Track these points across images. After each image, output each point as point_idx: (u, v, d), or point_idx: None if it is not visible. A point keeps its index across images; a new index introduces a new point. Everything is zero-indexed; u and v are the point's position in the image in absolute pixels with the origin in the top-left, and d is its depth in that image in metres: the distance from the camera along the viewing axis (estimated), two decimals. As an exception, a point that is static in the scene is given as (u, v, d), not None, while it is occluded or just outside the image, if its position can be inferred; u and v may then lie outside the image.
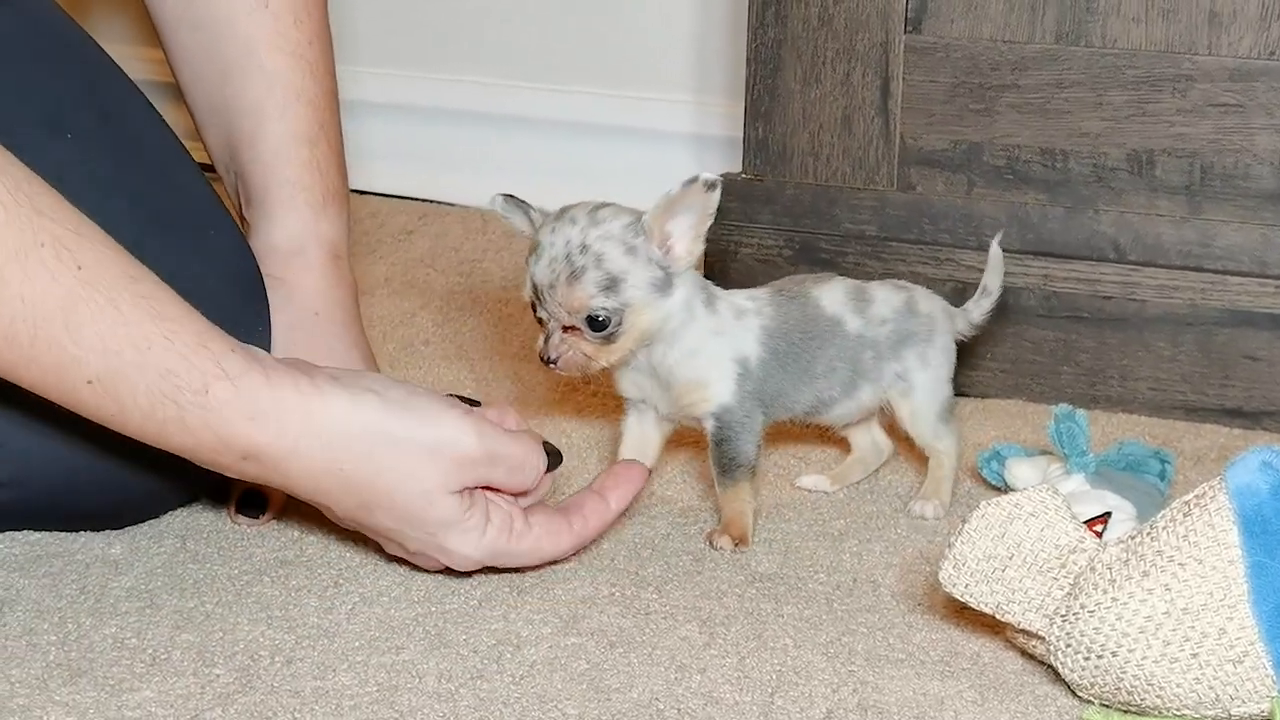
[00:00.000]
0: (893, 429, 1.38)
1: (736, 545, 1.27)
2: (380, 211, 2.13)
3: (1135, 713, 1.06)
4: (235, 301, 1.28)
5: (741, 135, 1.65)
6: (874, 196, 1.60)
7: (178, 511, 1.30)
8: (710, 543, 1.28)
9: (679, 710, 1.06)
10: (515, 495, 1.20)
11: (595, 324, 1.23)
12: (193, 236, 1.29)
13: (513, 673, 1.10)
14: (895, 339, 1.33)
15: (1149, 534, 1.07)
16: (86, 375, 1.09)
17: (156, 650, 1.11)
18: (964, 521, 1.10)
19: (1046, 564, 1.08)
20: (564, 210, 1.25)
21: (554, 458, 1.21)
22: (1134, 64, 1.52)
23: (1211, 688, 1.04)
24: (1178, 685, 1.04)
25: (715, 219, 1.62)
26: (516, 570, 1.22)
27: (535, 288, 1.23)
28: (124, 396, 1.09)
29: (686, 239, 1.24)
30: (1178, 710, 1.05)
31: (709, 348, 1.27)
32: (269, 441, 1.12)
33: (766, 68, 1.62)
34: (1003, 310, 1.56)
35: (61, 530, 1.26)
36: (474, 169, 2.11)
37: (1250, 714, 1.04)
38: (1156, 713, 1.05)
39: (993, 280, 1.39)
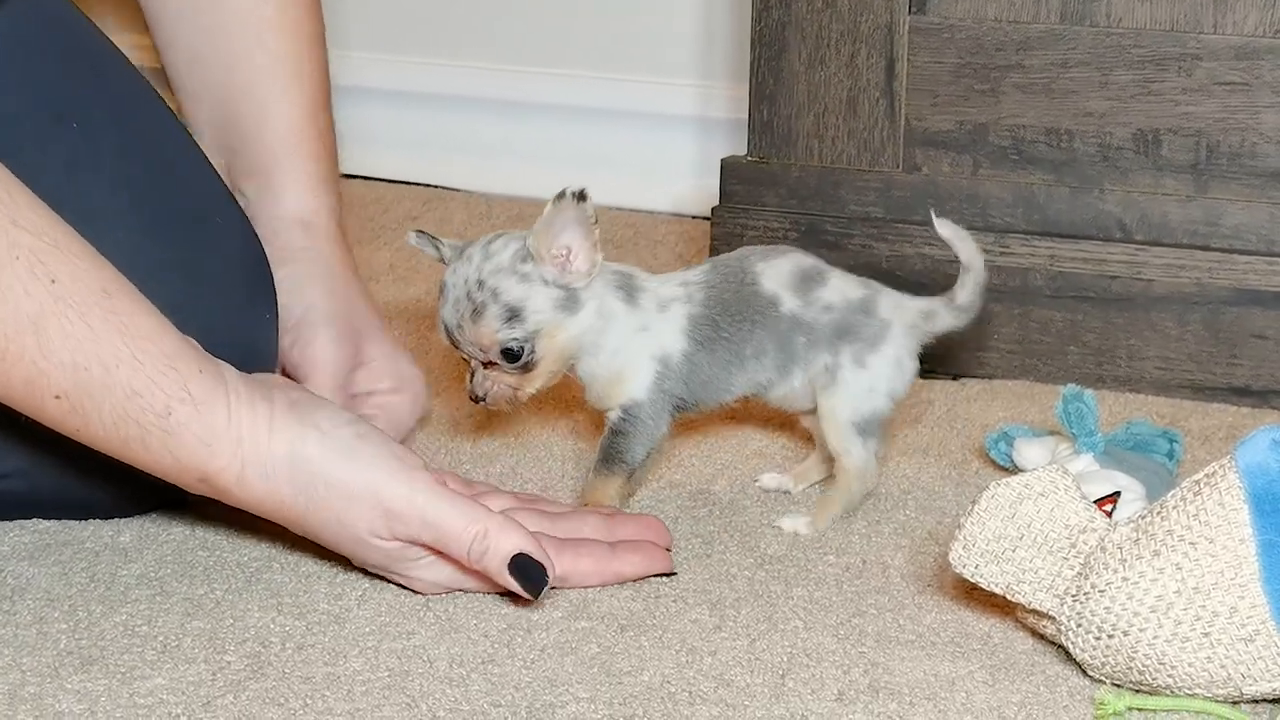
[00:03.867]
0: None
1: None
2: (384, 197, 2.13)
3: (1147, 692, 1.06)
4: (242, 289, 1.28)
5: (746, 118, 1.64)
6: (879, 178, 1.60)
7: (186, 499, 1.30)
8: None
9: (690, 693, 1.06)
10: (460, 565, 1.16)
11: (510, 355, 1.23)
12: (200, 225, 1.29)
13: (523, 657, 1.10)
14: (835, 330, 1.28)
15: (1159, 513, 1.07)
16: (54, 390, 1.08)
17: (167, 638, 1.12)
18: (973, 502, 1.10)
19: (1057, 544, 1.08)
20: (463, 248, 1.25)
21: (527, 575, 1.13)
22: (1139, 43, 1.52)
23: (1223, 666, 1.04)
24: (1189, 664, 1.04)
25: (721, 201, 1.62)
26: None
27: (446, 329, 1.24)
28: (90, 413, 1.10)
29: (583, 252, 1.23)
30: (1189, 689, 1.05)
31: (630, 346, 1.26)
32: (221, 468, 1.12)
33: (771, 50, 1.61)
34: (1009, 291, 1.56)
35: (71, 519, 1.26)
36: (478, 154, 2.11)
37: (1262, 692, 1.04)
38: (1168, 692, 1.05)
39: (964, 252, 1.31)
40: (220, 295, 1.23)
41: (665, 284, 1.28)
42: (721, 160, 1.65)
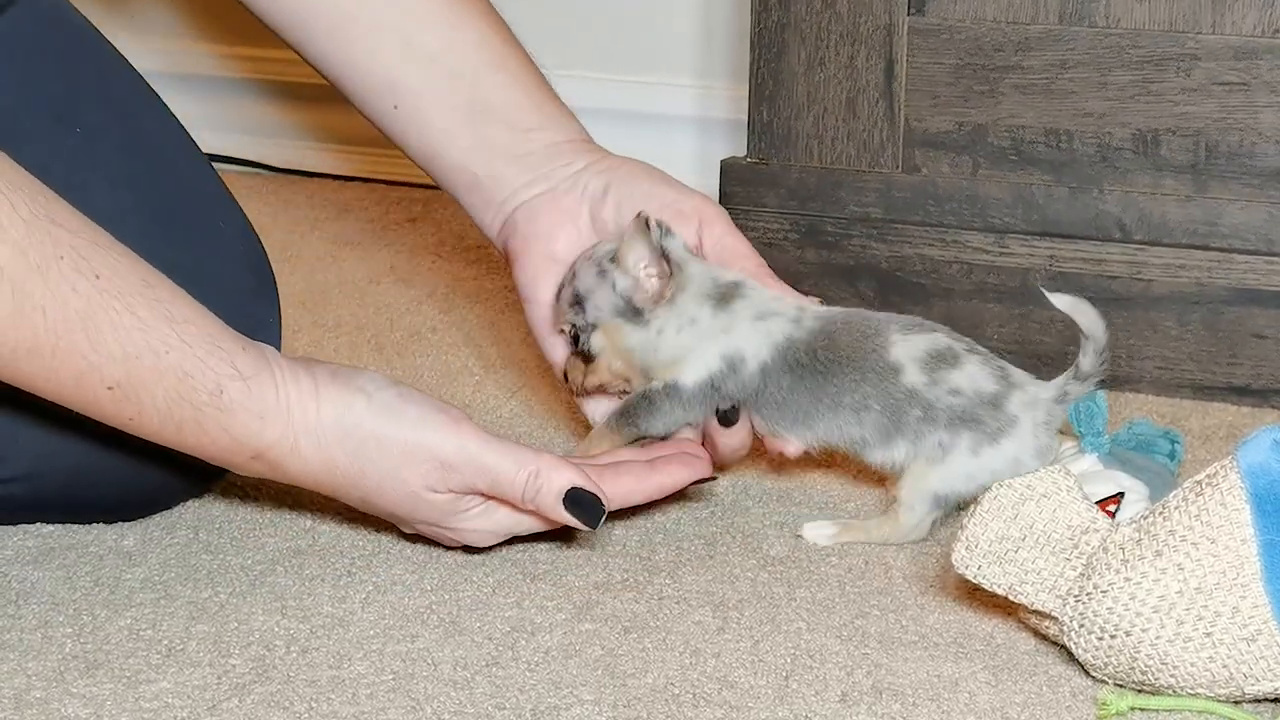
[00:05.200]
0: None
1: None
2: (386, 199, 2.13)
3: (1149, 692, 1.06)
4: (245, 291, 1.29)
5: (745, 119, 1.65)
6: (879, 179, 1.60)
7: (190, 502, 1.30)
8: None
9: (694, 695, 1.06)
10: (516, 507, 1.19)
11: (573, 340, 1.27)
12: (202, 228, 1.29)
13: (527, 659, 1.10)
14: (957, 415, 1.23)
15: (1161, 513, 1.07)
16: (107, 382, 1.09)
17: (172, 641, 1.12)
18: (976, 503, 1.10)
19: (1059, 544, 1.09)
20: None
21: (582, 507, 1.17)
22: (1138, 43, 1.52)
23: (1225, 666, 1.04)
24: (1191, 664, 1.05)
25: (721, 202, 1.62)
26: (530, 556, 1.22)
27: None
28: (143, 400, 1.11)
29: (652, 276, 1.24)
30: (1192, 689, 1.05)
31: (702, 343, 1.25)
32: (275, 440, 1.14)
33: (770, 51, 1.62)
34: (1009, 291, 1.57)
35: (75, 522, 1.27)
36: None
37: (1264, 692, 1.05)
38: (1171, 692, 1.06)
39: (1085, 321, 1.25)
40: (222, 296, 1.23)
41: (778, 301, 1.27)
42: (721, 161, 1.65)
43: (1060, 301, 1.25)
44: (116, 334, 1.09)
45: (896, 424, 1.24)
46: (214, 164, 1.38)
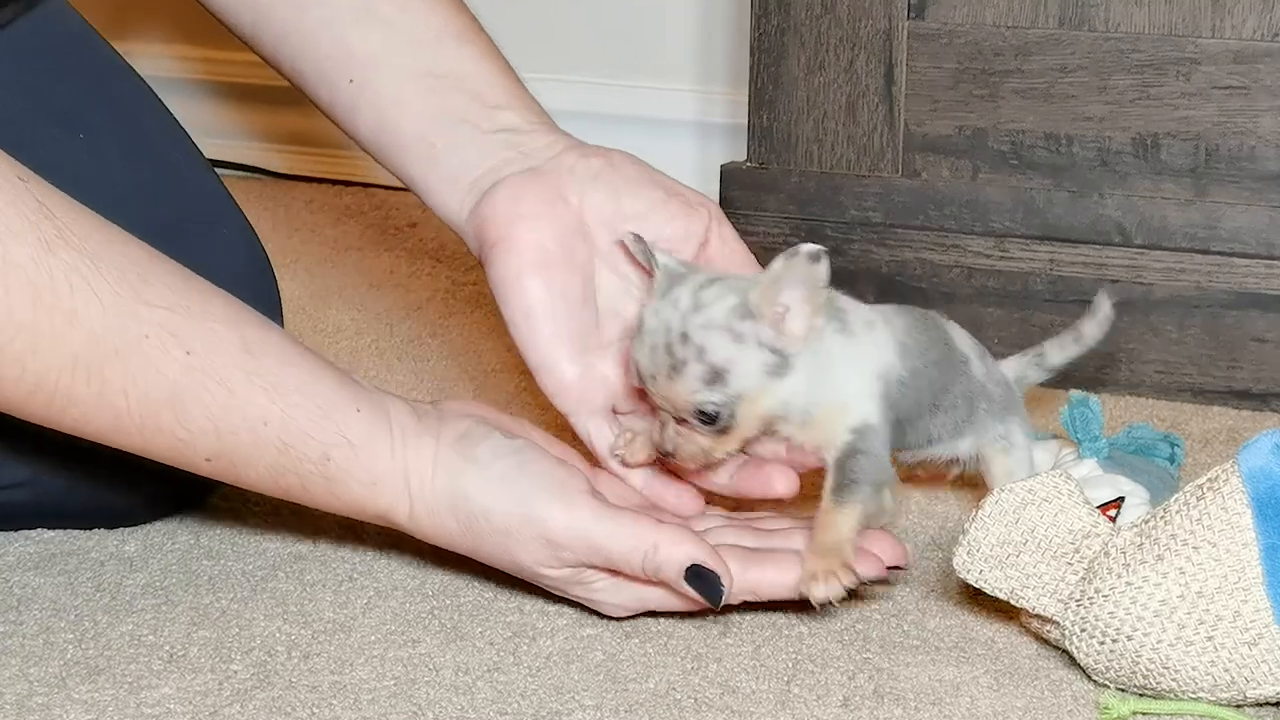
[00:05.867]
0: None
1: (841, 577, 1.10)
2: (386, 204, 2.14)
3: (1151, 696, 1.06)
4: (248, 296, 1.28)
5: (745, 123, 1.65)
6: (879, 183, 1.60)
7: (191, 508, 1.30)
8: (809, 593, 1.10)
9: (696, 700, 1.06)
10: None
11: (705, 418, 1.10)
12: (205, 233, 1.29)
13: (529, 665, 1.10)
14: (1004, 404, 1.21)
15: (1162, 518, 1.07)
16: (203, 454, 1.08)
17: (174, 647, 1.12)
18: (978, 507, 1.10)
19: (1060, 549, 1.09)
20: (673, 284, 1.11)
21: (704, 582, 1.09)
22: (1137, 48, 1.53)
23: (1227, 670, 1.04)
24: (1193, 668, 1.05)
25: (720, 207, 1.62)
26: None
27: (639, 375, 1.12)
28: (242, 470, 1.10)
29: (801, 314, 1.09)
30: (1194, 693, 1.05)
31: (850, 370, 1.13)
32: (390, 505, 1.12)
33: (770, 55, 1.62)
34: (1009, 295, 1.57)
35: (76, 528, 1.27)
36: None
37: (1266, 696, 1.05)
38: (1172, 696, 1.06)
39: (1094, 328, 1.26)
40: None
41: (859, 306, 1.16)
42: (721, 166, 1.65)
43: (1106, 306, 1.25)
44: (207, 411, 1.07)
45: (970, 419, 1.20)
46: (216, 170, 1.38)
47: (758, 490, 1.16)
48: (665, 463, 1.16)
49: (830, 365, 1.12)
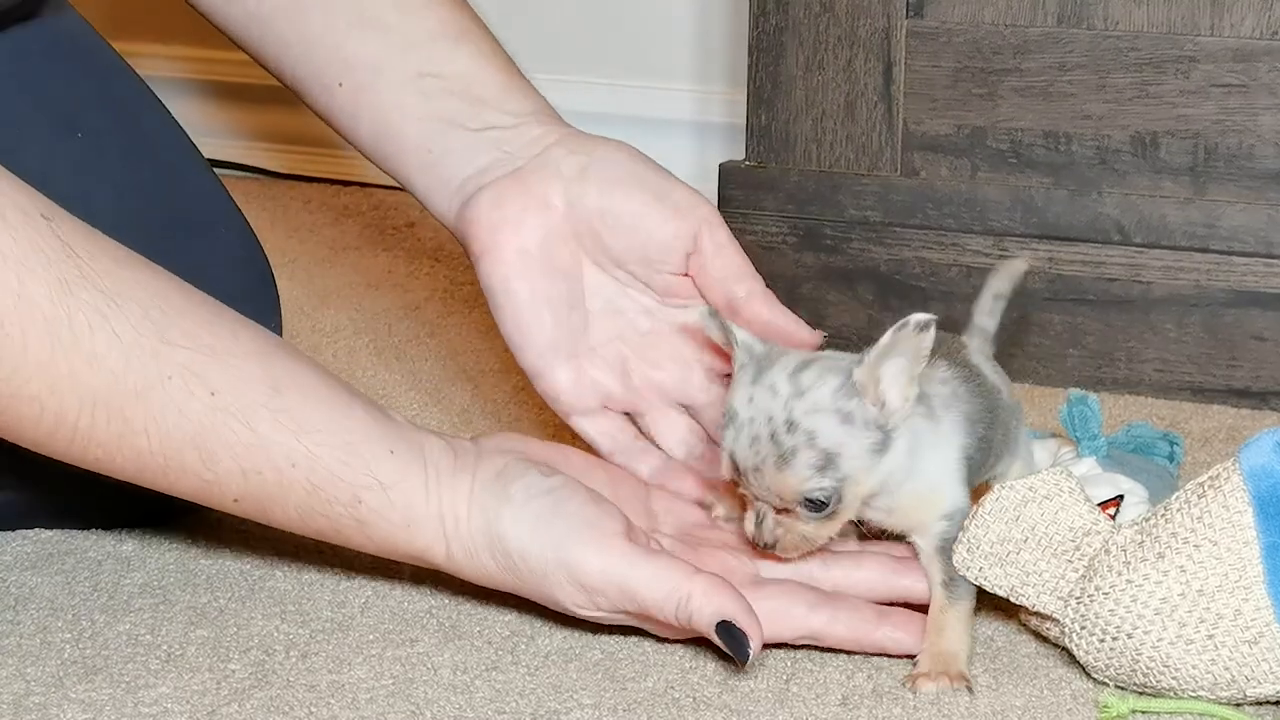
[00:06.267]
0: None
1: (954, 684, 1.07)
2: (384, 203, 2.13)
3: (1151, 695, 1.06)
4: (247, 296, 1.28)
5: (744, 122, 1.65)
6: (878, 182, 1.60)
7: (188, 508, 1.29)
8: (916, 689, 1.07)
9: (694, 699, 1.06)
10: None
11: (813, 505, 1.07)
12: (204, 233, 1.29)
13: (527, 663, 1.10)
14: (1019, 411, 1.21)
15: (1163, 516, 1.07)
16: (231, 495, 1.08)
17: (171, 647, 1.11)
18: (978, 505, 1.10)
19: (1061, 546, 1.08)
20: (761, 368, 1.07)
21: (732, 638, 1.05)
22: (1136, 46, 1.52)
23: (1227, 669, 1.04)
24: (1194, 667, 1.04)
25: (719, 206, 1.62)
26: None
27: (737, 467, 1.07)
28: (271, 511, 1.09)
29: (899, 386, 1.06)
30: (1194, 692, 1.05)
31: (938, 454, 1.11)
32: (426, 545, 1.10)
33: (768, 54, 1.62)
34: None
35: (73, 527, 1.26)
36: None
37: (1266, 694, 1.04)
38: (1172, 694, 1.05)
39: (1002, 285, 1.27)
40: (224, 301, 1.22)
41: (929, 382, 1.12)
42: (719, 165, 1.65)
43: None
44: (232, 452, 1.05)
45: (1007, 443, 1.19)
46: (215, 169, 1.38)
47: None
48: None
49: (918, 447, 1.09)
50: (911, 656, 1.09)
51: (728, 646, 1.05)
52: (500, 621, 1.15)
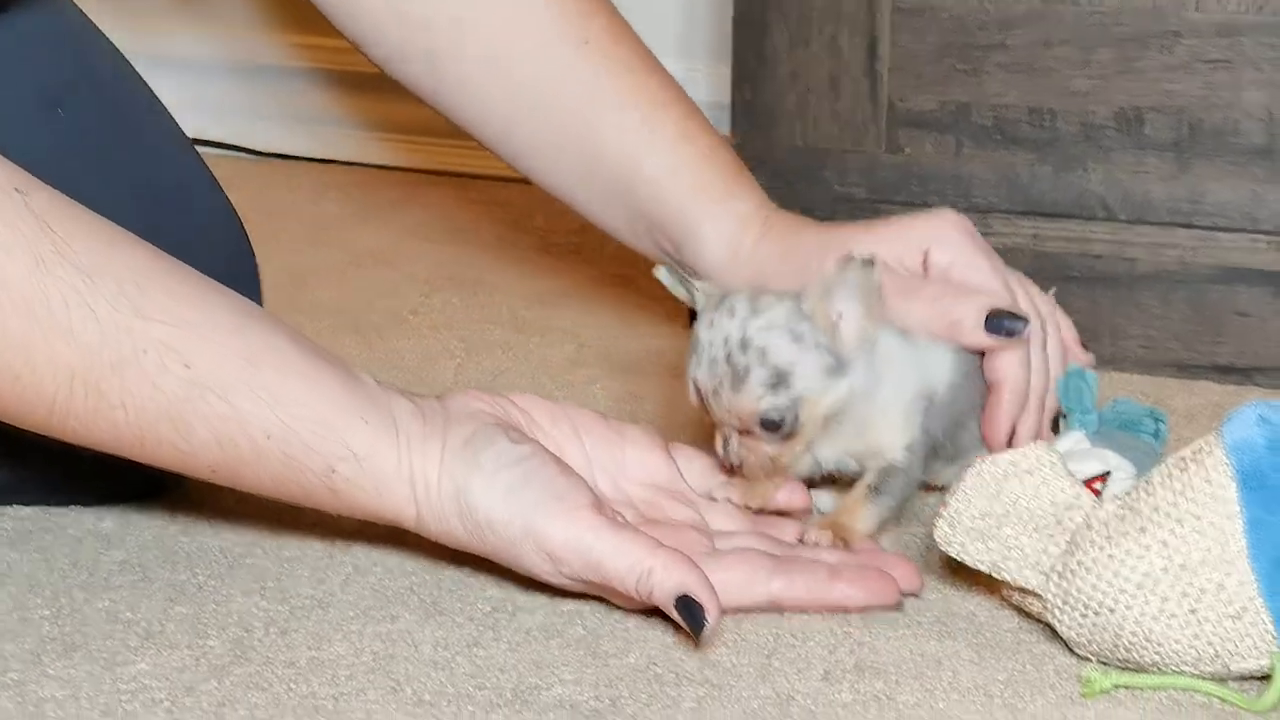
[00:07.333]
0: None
1: (835, 543, 1.15)
2: (369, 182, 2.13)
3: (1134, 669, 1.06)
4: (228, 275, 1.27)
5: (728, 99, 1.64)
6: (863, 159, 1.60)
7: (168, 485, 1.29)
8: (803, 536, 1.16)
9: (676, 674, 1.06)
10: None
11: (770, 425, 1.13)
12: (185, 211, 1.28)
13: (509, 639, 1.10)
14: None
15: (1145, 490, 1.06)
16: (207, 465, 1.09)
17: (150, 623, 1.11)
18: (959, 479, 1.09)
19: (1042, 521, 1.08)
20: (722, 300, 1.14)
21: (689, 614, 1.07)
22: (1121, 21, 1.52)
23: (1210, 643, 1.04)
24: (1176, 641, 1.04)
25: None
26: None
27: (699, 392, 1.14)
28: (248, 480, 1.10)
29: (855, 320, 1.13)
30: (1176, 666, 1.05)
31: (907, 382, 1.17)
32: (398, 511, 1.12)
33: (752, 30, 1.61)
34: (993, 270, 1.56)
35: (53, 505, 1.26)
36: (460, 136, 2.10)
37: (1249, 669, 1.04)
38: (1155, 669, 1.05)
39: None
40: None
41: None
42: (704, 142, 1.64)
43: None
44: (208, 424, 1.07)
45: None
46: (198, 148, 1.37)
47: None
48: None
49: (888, 370, 1.15)
50: (866, 609, 1.12)
51: (685, 620, 1.07)
52: (482, 598, 1.14)
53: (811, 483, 1.21)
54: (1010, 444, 1.22)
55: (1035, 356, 1.24)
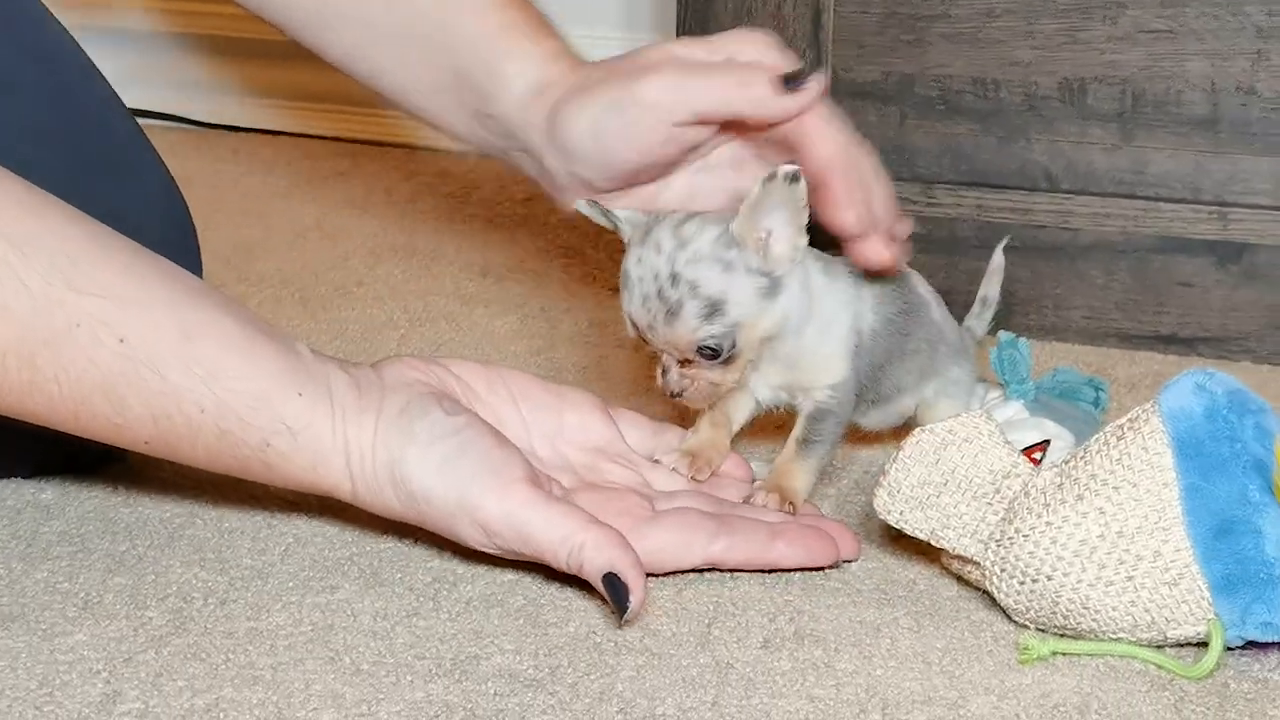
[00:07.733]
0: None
1: (783, 506, 1.17)
2: (313, 153, 2.12)
3: (1071, 636, 1.06)
4: (167, 246, 1.27)
5: (672, 70, 1.63)
6: (806, 129, 1.59)
7: (109, 456, 1.28)
8: (750, 499, 1.18)
9: (616, 643, 1.06)
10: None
11: (709, 352, 1.13)
12: (123, 183, 1.27)
13: (449, 609, 1.09)
14: (959, 348, 1.28)
15: (1083, 458, 1.07)
16: (141, 438, 1.09)
17: (89, 594, 1.11)
18: (898, 449, 1.09)
19: (980, 489, 1.08)
20: (648, 231, 1.14)
21: (614, 592, 1.07)
22: (1064, -8, 1.52)
23: (1147, 610, 1.04)
24: (1113, 609, 1.04)
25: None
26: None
27: (634, 326, 1.14)
28: (182, 453, 1.10)
29: (785, 236, 1.12)
30: (1114, 633, 1.05)
31: (835, 320, 1.18)
32: (334, 484, 1.11)
33: (697, 1, 1.61)
34: (936, 241, 1.56)
35: (-8, 476, 1.26)
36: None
37: (1186, 636, 1.05)
38: (1093, 636, 1.06)
39: (992, 289, 1.36)
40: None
41: (838, 258, 1.20)
42: (648, 112, 1.64)
43: (998, 257, 1.37)
44: (142, 398, 1.07)
45: (934, 364, 1.25)
46: (139, 119, 1.36)
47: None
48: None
49: (819, 304, 1.16)
50: (805, 568, 1.14)
51: (610, 598, 1.07)
52: (423, 568, 1.14)
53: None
54: (870, 229, 1.19)
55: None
